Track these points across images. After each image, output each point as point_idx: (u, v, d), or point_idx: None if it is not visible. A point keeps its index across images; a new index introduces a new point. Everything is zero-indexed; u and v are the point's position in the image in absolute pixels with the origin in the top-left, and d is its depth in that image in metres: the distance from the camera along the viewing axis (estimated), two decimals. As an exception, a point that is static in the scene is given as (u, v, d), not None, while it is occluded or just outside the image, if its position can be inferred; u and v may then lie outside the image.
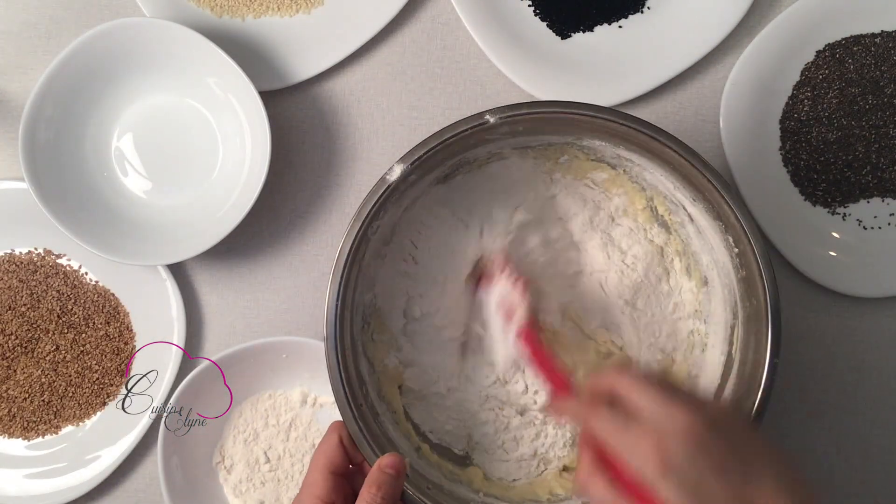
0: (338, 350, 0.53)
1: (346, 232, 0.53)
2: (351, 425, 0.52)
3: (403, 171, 0.53)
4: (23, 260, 0.69)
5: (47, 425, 0.68)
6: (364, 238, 0.53)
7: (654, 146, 0.52)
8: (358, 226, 0.53)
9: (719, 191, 0.51)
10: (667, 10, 0.69)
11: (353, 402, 0.53)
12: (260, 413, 0.67)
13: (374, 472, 0.49)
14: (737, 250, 0.53)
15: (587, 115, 0.52)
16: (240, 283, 0.70)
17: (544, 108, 0.53)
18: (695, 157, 0.52)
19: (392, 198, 0.54)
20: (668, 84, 0.68)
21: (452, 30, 0.70)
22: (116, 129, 0.68)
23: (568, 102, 0.53)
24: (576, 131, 0.54)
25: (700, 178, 0.52)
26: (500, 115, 0.52)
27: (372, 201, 0.53)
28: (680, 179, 0.53)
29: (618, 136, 0.53)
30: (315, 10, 0.69)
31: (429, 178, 0.57)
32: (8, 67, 0.70)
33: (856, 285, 0.67)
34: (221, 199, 0.67)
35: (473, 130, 0.53)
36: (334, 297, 0.53)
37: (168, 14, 0.67)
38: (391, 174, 0.53)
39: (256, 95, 0.63)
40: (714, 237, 0.55)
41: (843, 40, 0.68)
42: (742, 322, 0.55)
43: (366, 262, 0.56)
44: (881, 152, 0.67)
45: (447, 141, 0.53)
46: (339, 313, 0.53)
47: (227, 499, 0.67)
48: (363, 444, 0.52)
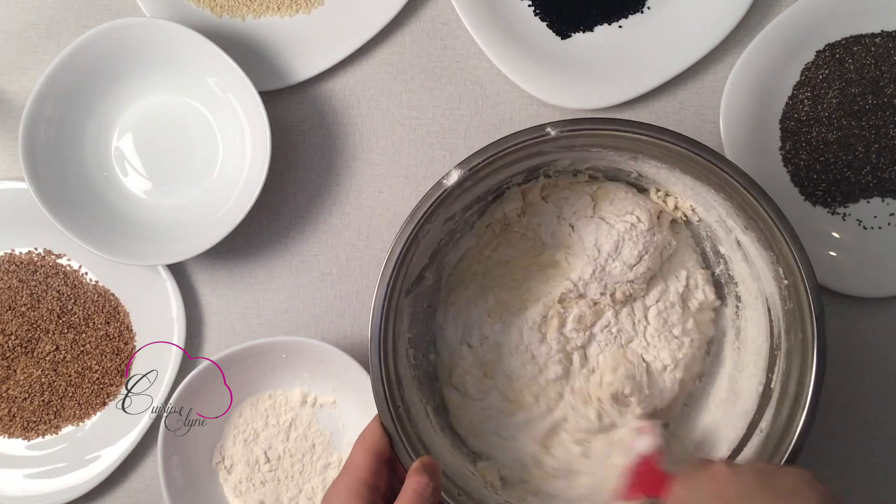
0: (381, 351, 0.53)
1: (399, 233, 0.53)
2: (388, 424, 0.52)
3: (461, 177, 0.52)
4: (23, 260, 0.69)
5: (47, 425, 0.68)
6: (415, 240, 0.53)
7: (712, 170, 0.52)
8: (411, 228, 0.52)
9: (774, 221, 0.51)
10: (667, 10, 0.69)
11: (391, 402, 0.53)
12: (260, 413, 0.67)
13: (419, 466, 0.49)
14: (786, 282, 0.52)
15: (647, 135, 0.52)
16: (240, 283, 0.70)
17: (605, 126, 0.53)
18: (752, 184, 0.51)
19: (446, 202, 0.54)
20: (668, 84, 0.68)
21: (452, 30, 0.70)
22: (116, 129, 0.68)
23: (630, 122, 0.53)
24: (634, 148, 0.54)
25: (756, 206, 0.52)
26: (562, 129, 0.52)
27: (427, 204, 0.53)
28: (734, 206, 0.53)
29: (674, 159, 0.53)
30: (315, 10, 0.69)
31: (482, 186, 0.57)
32: (8, 67, 0.70)
33: (856, 285, 0.67)
34: (221, 199, 0.67)
35: (533, 141, 0.53)
36: (381, 298, 0.52)
37: (168, 14, 0.67)
38: (448, 179, 0.52)
39: (256, 95, 0.63)
40: (763, 267, 0.55)
41: (843, 40, 0.68)
42: (784, 354, 0.54)
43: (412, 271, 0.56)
44: (881, 152, 0.67)
45: (506, 150, 0.53)
46: (384, 315, 0.52)
47: (227, 499, 0.67)
48: (399, 446, 0.52)
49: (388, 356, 0.53)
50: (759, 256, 0.54)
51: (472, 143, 0.70)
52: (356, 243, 0.70)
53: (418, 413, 0.57)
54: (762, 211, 0.51)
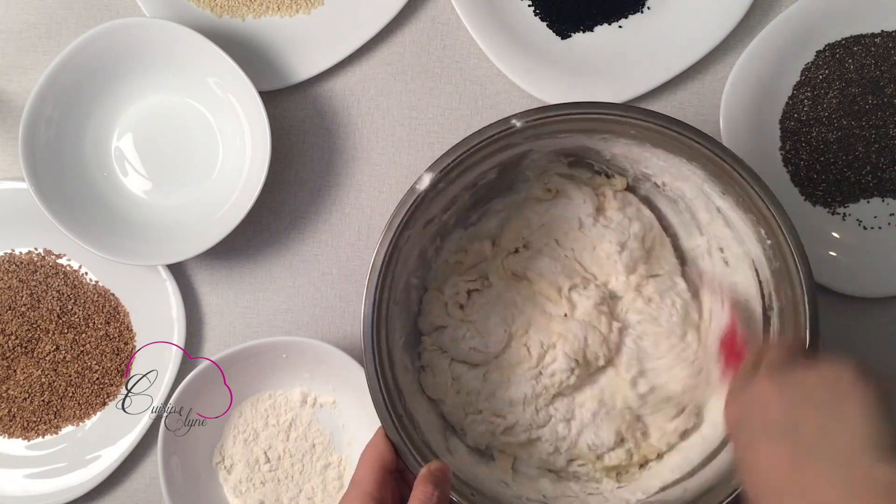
0: (375, 360, 0.53)
1: (379, 242, 0.53)
2: (392, 434, 0.52)
3: (433, 180, 0.53)
4: (23, 260, 0.69)
5: (47, 425, 0.68)
6: (396, 248, 0.53)
7: (683, 141, 0.53)
8: (390, 236, 0.53)
9: (750, 184, 0.52)
10: (667, 10, 0.69)
11: (394, 412, 0.53)
12: (260, 413, 0.67)
13: (426, 473, 0.49)
14: (769, 242, 0.53)
15: (614, 114, 0.53)
16: (240, 283, 0.70)
17: (570, 111, 0.53)
18: (724, 150, 0.52)
19: (422, 206, 0.54)
20: (668, 84, 0.68)
21: (452, 30, 0.70)
22: (116, 129, 0.68)
23: (594, 103, 0.53)
24: (601, 129, 0.54)
25: (731, 171, 0.52)
26: (527, 119, 0.53)
27: (402, 211, 0.53)
28: (709, 174, 0.54)
29: (643, 135, 0.54)
30: (315, 10, 0.69)
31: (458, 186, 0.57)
32: (8, 67, 0.70)
33: (856, 285, 0.67)
34: (221, 199, 0.67)
35: (500, 135, 0.53)
36: (370, 309, 0.53)
37: (168, 14, 0.67)
38: (420, 183, 0.53)
39: (256, 95, 0.63)
40: (745, 231, 0.55)
41: (843, 40, 0.68)
42: (777, 313, 0.55)
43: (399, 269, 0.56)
44: (881, 152, 0.67)
45: (475, 147, 0.53)
46: (374, 325, 0.53)
47: (227, 499, 0.67)
48: (406, 454, 0.52)
49: (383, 367, 0.53)
50: (740, 220, 0.55)
51: (472, 143, 0.70)
52: (356, 243, 0.70)
53: (423, 419, 0.57)
54: (736, 175, 0.52)
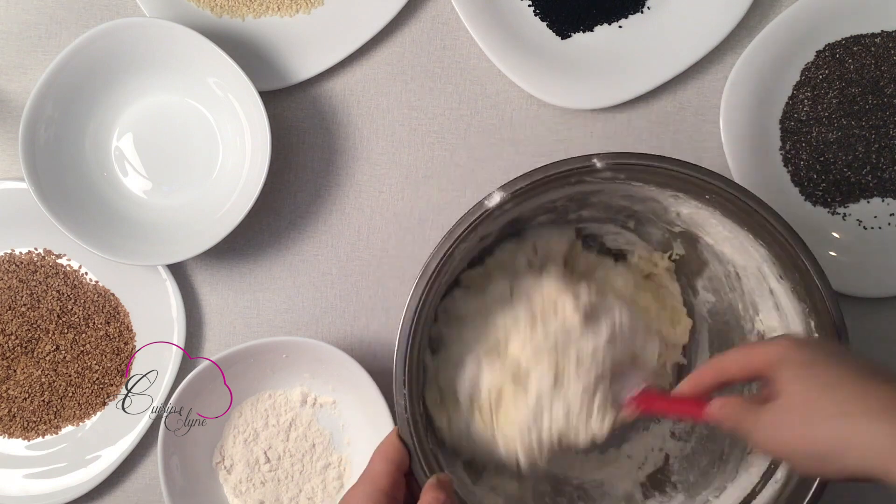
0: (406, 366, 0.52)
1: (435, 249, 0.52)
2: (407, 439, 0.52)
3: (502, 199, 0.52)
4: (23, 260, 0.69)
5: (47, 425, 0.68)
6: (450, 258, 0.53)
7: (755, 218, 0.53)
8: (448, 245, 0.52)
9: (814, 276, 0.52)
10: (667, 10, 0.69)
11: (412, 419, 0.52)
12: (260, 413, 0.67)
13: (435, 482, 0.48)
14: (817, 336, 0.53)
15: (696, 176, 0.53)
16: (240, 283, 0.70)
17: (653, 162, 0.53)
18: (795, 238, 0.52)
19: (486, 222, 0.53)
20: (668, 84, 0.68)
21: (452, 30, 0.70)
22: (116, 129, 0.68)
23: (678, 160, 0.53)
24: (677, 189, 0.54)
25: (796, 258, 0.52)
26: (608, 161, 0.53)
27: (467, 223, 0.52)
28: (773, 255, 0.54)
29: (717, 201, 0.54)
30: (315, 10, 0.69)
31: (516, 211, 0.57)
32: (8, 67, 0.70)
33: (856, 285, 0.67)
34: (221, 199, 0.67)
35: (578, 171, 0.53)
36: (412, 312, 0.52)
37: (168, 14, 0.67)
38: (490, 200, 0.53)
39: (256, 95, 0.63)
40: (794, 317, 0.55)
41: (843, 40, 0.68)
42: None
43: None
44: (881, 152, 0.67)
45: (551, 177, 0.53)
46: (412, 330, 0.52)
47: (227, 499, 0.67)
48: (415, 461, 0.51)
49: (412, 377, 0.52)
50: (792, 307, 0.55)
51: (472, 142, 0.70)
52: (356, 243, 0.70)
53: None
54: (801, 264, 0.52)
